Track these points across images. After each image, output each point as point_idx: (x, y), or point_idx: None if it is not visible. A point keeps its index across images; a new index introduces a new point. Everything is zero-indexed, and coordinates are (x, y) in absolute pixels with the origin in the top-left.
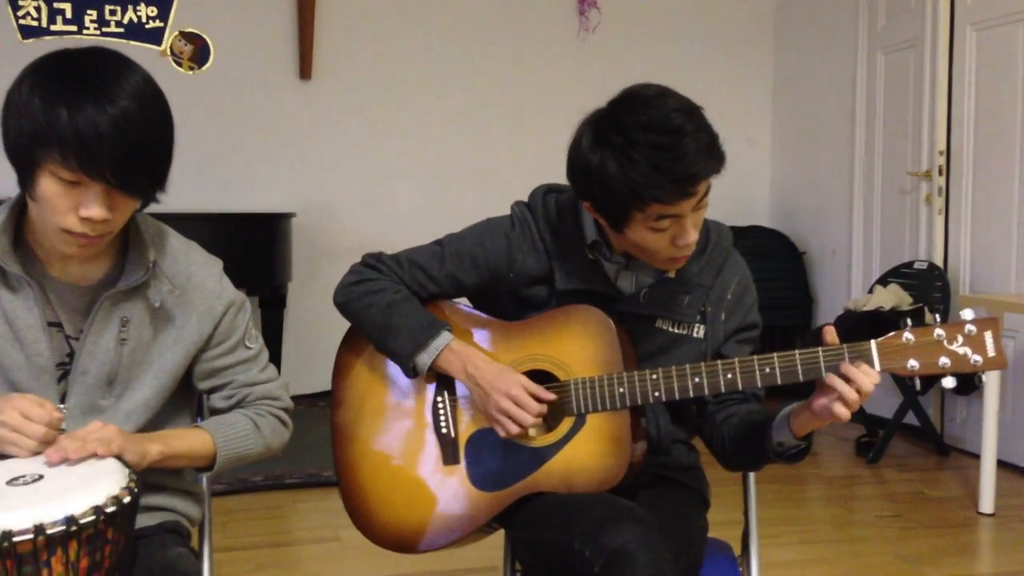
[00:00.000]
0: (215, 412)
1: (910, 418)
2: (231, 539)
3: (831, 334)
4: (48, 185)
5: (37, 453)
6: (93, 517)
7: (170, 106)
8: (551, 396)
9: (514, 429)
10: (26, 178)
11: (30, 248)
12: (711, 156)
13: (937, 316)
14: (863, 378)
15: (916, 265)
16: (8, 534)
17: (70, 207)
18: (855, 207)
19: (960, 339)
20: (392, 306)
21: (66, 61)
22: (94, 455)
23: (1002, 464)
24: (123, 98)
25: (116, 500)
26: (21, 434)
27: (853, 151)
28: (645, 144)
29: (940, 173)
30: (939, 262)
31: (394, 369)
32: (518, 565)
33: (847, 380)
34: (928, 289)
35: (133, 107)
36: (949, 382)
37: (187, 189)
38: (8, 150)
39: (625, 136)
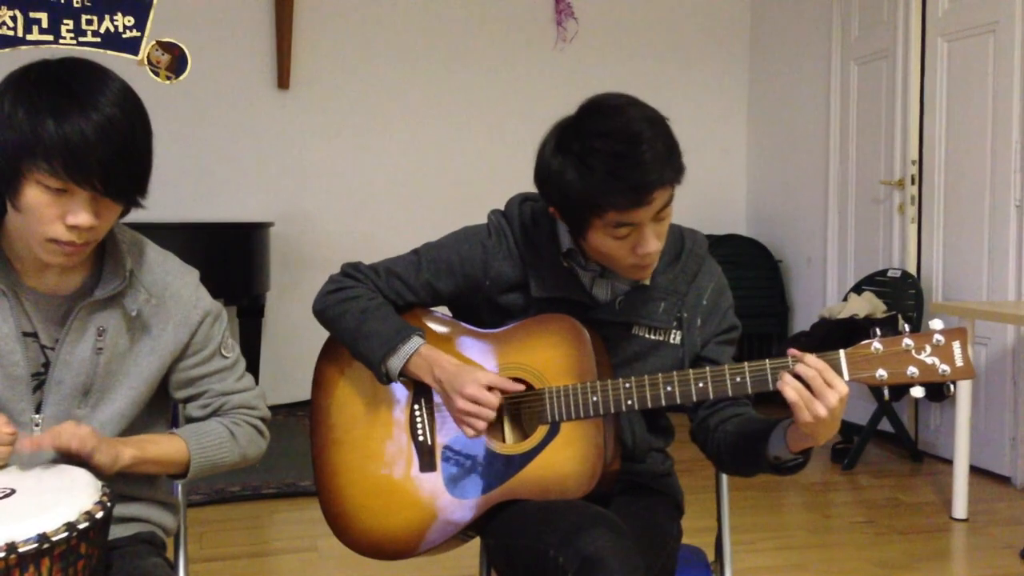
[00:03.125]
0: (191, 421)
1: (885, 424)
2: (208, 550)
3: (795, 352)
4: (34, 195)
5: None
6: (66, 534)
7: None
8: (516, 386)
9: (478, 425)
10: (9, 190)
11: (5, 258)
12: (668, 166)
13: (907, 327)
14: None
15: (890, 273)
16: None
17: (56, 216)
18: (830, 216)
19: (928, 349)
20: (366, 312)
21: (46, 72)
22: (68, 449)
23: (975, 470)
24: (106, 105)
25: (89, 516)
26: None
27: (827, 160)
28: (603, 151)
29: (912, 182)
30: (912, 270)
31: (373, 378)
32: (494, 573)
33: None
34: (902, 297)
35: (117, 114)
36: (918, 391)
37: (165, 199)
38: None
39: (584, 143)
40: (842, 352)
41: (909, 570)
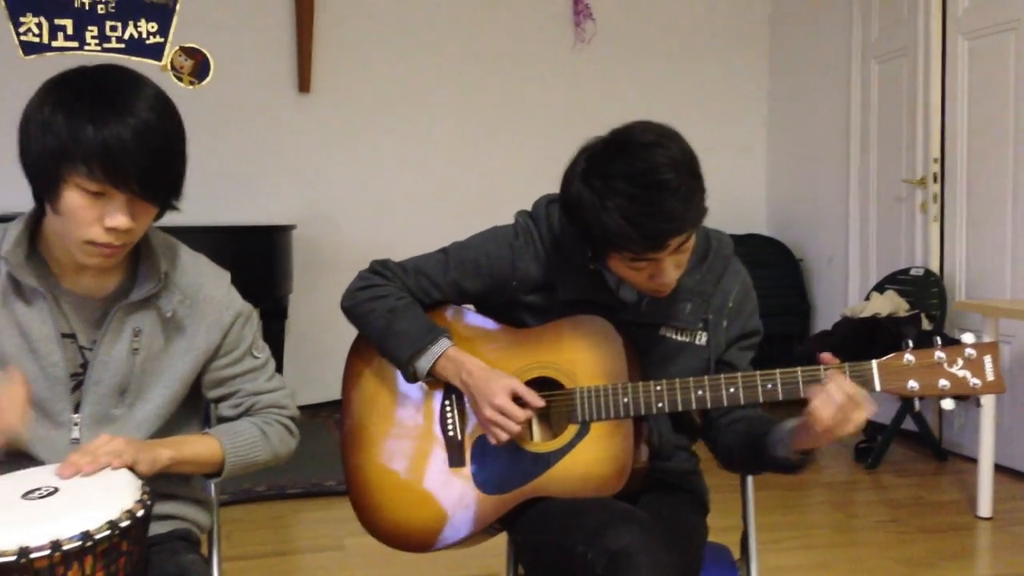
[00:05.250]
0: (223, 420)
1: (908, 423)
2: (236, 548)
3: (828, 359)
4: (73, 198)
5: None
6: (108, 532)
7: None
8: (540, 402)
9: (503, 437)
10: (49, 193)
11: (44, 261)
12: (687, 215)
13: (932, 326)
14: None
15: (912, 271)
16: (25, 550)
17: (95, 218)
18: (851, 214)
19: (960, 362)
20: (394, 312)
21: (84, 78)
22: (107, 467)
23: (1000, 468)
24: (142, 110)
25: (130, 514)
26: None
27: (848, 159)
28: (622, 195)
29: (935, 180)
30: (935, 268)
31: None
32: (520, 569)
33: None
34: (924, 295)
35: (152, 118)
36: (948, 404)
37: (189, 202)
38: (29, 167)
39: (605, 183)
40: (875, 363)
41: (934, 568)
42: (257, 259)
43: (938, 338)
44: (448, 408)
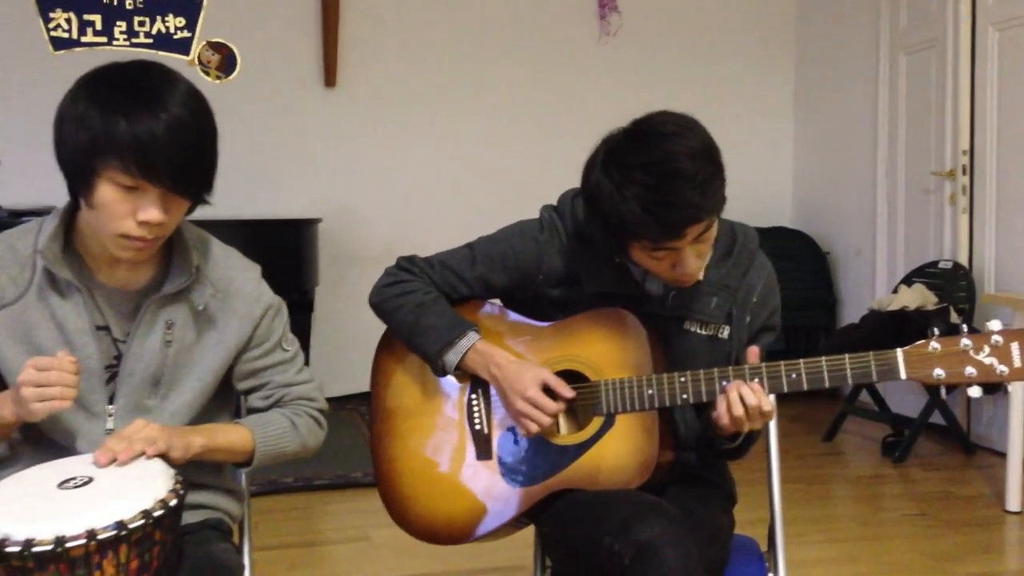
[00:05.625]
0: (253, 412)
1: (936, 417)
2: (263, 539)
3: (754, 354)
4: (107, 192)
5: (66, 399)
6: (142, 521)
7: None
8: (571, 393)
9: (533, 429)
10: (83, 187)
11: (79, 255)
12: (703, 204)
13: (960, 319)
14: (751, 398)
15: (941, 264)
16: (61, 539)
17: (128, 212)
18: (879, 207)
19: (987, 349)
20: (422, 307)
21: (117, 74)
22: (142, 454)
23: None
24: (175, 106)
25: (163, 503)
26: (43, 386)
27: (876, 151)
28: (640, 185)
29: (964, 172)
30: (964, 261)
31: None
32: (548, 561)
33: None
34: (953, 288)
35: (184, 114)
36: (975, 391)
37: (215, 196)
38: (64, 161)
39: (623, 173)
40: (899, 351)
41: (961, 562)
42: (283, 252)
43: (964, 326)
44: (475, 401)
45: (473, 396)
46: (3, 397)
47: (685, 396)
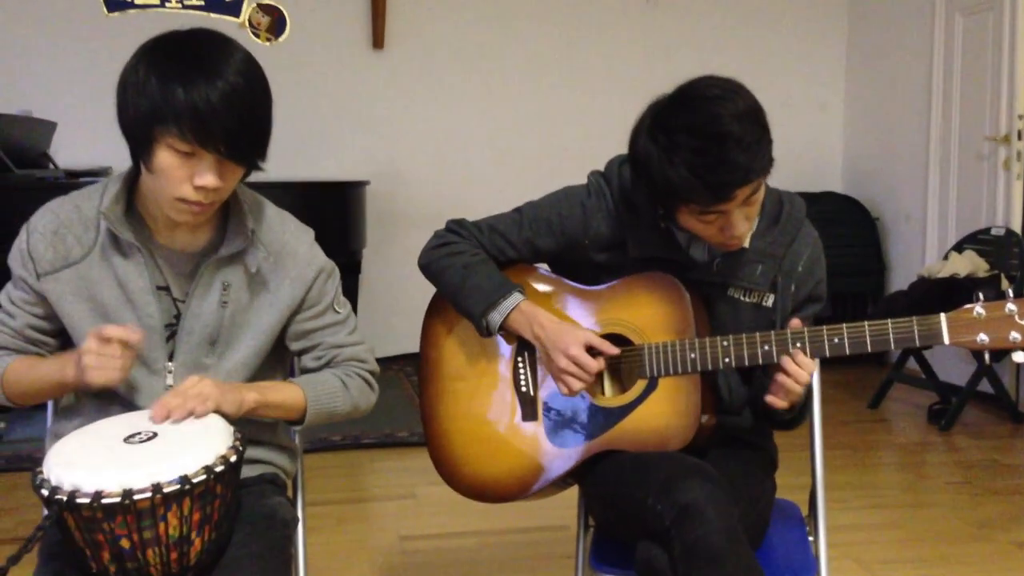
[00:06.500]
0: (306, 372)
1: (984, 385)
2: (313, 494)
3: (795, 328)
4: (165, 158)
5: (122, 375)
6: (204, 476)
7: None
8: (614, 350)
9: (576, 386)
10: (143, 152)
11: (140, 217)
12: (752, 165)
13: (1011, 288)
14: (798, 371)
15: (993, 231)
16: (129, 492)
17: (185, 177)
18: (931, 172)
19: None
20: (468, 268)
21: (175, 42)
22: (192, 412)
23: None
24: (230, 74)
25: (224, 459)
26: (102, 355)
27: (929, 115)
28: (686, 148)
29: (1019, 137)
30: (1017, 228)
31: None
32: (591, 520)
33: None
34: (1005, 256)
35: (240, 82)
36: (1020, 356)
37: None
38: (126, 126)
39: (670, 137)
40: (943, 316)
41: (1005, 531)
42: (331, 214)
43: (1010, 291)
44: (520, 363)
45: (519, 358)
46: (68, 358)
47: (727, 360)
